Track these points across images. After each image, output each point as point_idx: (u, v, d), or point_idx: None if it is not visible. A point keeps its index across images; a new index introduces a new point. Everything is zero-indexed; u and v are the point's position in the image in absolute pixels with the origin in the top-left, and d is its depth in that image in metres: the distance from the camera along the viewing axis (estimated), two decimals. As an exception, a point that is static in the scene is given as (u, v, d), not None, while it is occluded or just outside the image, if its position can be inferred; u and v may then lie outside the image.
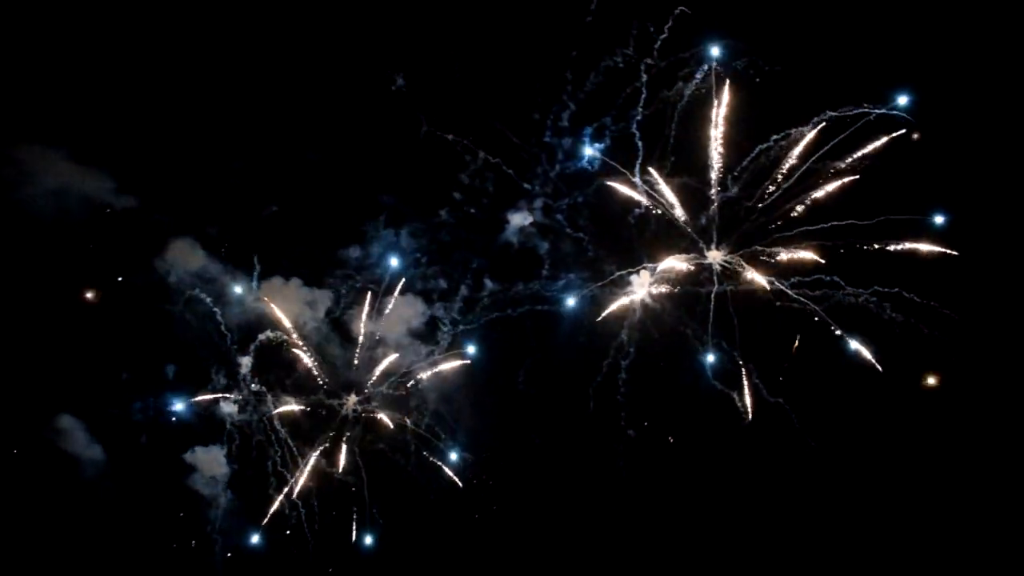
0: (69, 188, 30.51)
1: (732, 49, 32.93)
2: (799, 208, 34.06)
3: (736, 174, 33.64)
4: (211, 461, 32.90)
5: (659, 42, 32.59)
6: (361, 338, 33.59)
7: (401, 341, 33.83)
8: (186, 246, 32.07)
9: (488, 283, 34.20)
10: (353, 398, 34.46)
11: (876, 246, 33.93)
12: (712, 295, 34.78)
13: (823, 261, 34.15)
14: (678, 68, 33.13)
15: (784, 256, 34.28)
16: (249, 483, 33.59)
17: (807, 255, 33.97)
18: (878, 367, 33.73)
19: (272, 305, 32.45)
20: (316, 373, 33.68)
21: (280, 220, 33.12)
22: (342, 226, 33.42)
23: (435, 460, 34.66)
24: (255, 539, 33.86)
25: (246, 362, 33.05)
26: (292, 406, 33.71)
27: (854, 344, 33.64)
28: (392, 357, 33.87)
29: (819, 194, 33.80)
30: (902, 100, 32.78)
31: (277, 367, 33.66)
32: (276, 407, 33.46)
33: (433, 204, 33.54)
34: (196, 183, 32.88)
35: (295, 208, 33.42)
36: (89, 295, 32.53)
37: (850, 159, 33.74)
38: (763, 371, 34.99)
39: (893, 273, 33.78)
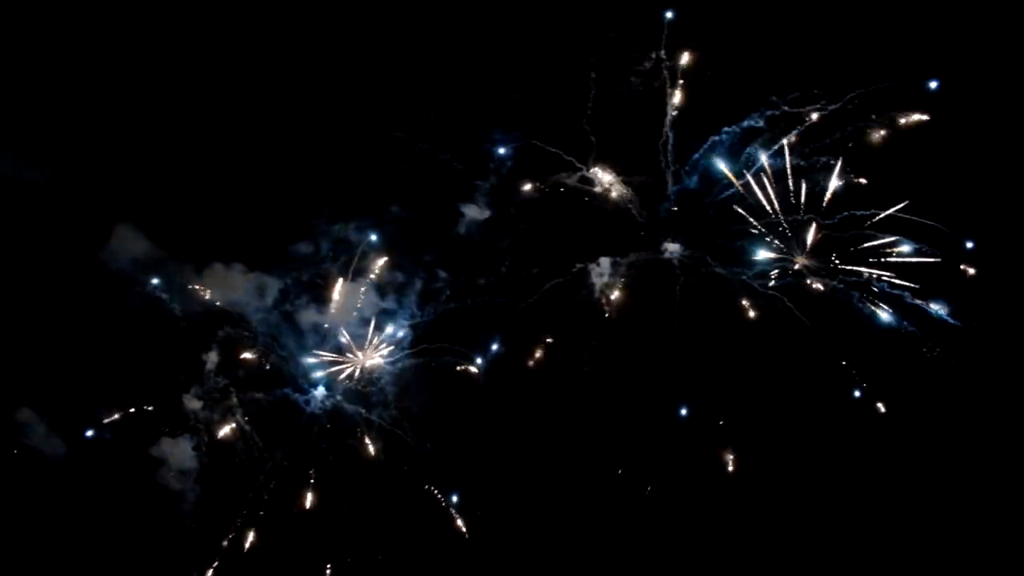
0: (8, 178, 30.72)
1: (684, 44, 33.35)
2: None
3: (687, 170, 34.07)
4: (179, 455, 33.04)
5: (611, 38, 33.14)
6: (327, 326, 33.95)
7: (359, 332, 34.11)
8: (129, 235, 31.95)
9: (442, 275, 34.51)
10: (321, 391, 34.68)
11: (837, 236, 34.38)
12: (677, 288, 35.08)
13: (785, 252, 34.56)
14: (631, 64, 33.61)
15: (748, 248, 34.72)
16: (218, 479, 33.76)
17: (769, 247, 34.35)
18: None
19: (223, 295, 32.73)
20: (279, 365, 34.04)
21: (224, 214, 33.19)
22: (289, 220, 33.57)
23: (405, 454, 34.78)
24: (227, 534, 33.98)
25: (211, 357, 33.35)
26: (257, 398, 34.02)
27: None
28: (355, 349, 34.22)
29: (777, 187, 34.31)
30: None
31: (240, 360, 33.94)
32: (241, 402, 33.72)
33: (384, 199, 33.84)
34: (138, 175, 33.01)
35: (240, 202, 33.52)
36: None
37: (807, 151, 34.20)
38: (725, 364, 35.24)
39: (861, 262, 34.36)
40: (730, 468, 35.37)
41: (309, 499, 34.41)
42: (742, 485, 35.45)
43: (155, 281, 32.58)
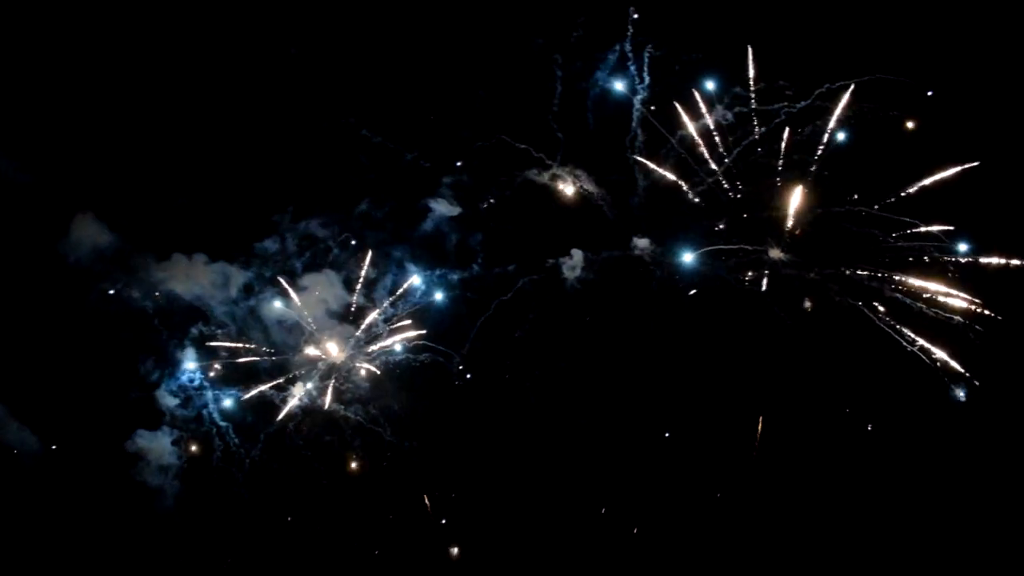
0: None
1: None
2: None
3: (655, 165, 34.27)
4: (158, 451, 33.12)
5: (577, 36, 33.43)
6: (299, 322, 34.07)
7: (332, 327, 34.31)
8: (89, 225, 31.81)
9: (412, 269, 34.65)
10: (300, 387, 34.85)
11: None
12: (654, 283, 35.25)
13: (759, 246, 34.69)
14: (597, 61, 33.95)
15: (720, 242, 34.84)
16: (197, 474, 33.99)
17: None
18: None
19: (190, 287, 32.78)
20: (255, 362, 34.25)
21: (188, 210, 33.31)
22: (252, 216, 33.71)
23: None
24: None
25: (186, 354, 33.61)
26: (235, 394, 34.18)
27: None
28: (330, 344, 34.40)
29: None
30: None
31: (213, 356, 34.14)
32: (218, 397, 33.94)
33: (352, 195, 34.21)
34: (97, 165, 32.88)
35: (204, 198, 33.59)
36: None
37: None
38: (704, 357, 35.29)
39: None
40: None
41: (288, 496, 34.70)
42: (717, 476, 35.90)
43: (120, 274, 32.63)
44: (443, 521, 35.38)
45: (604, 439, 36.14)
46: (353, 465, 35.27)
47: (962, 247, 33.70)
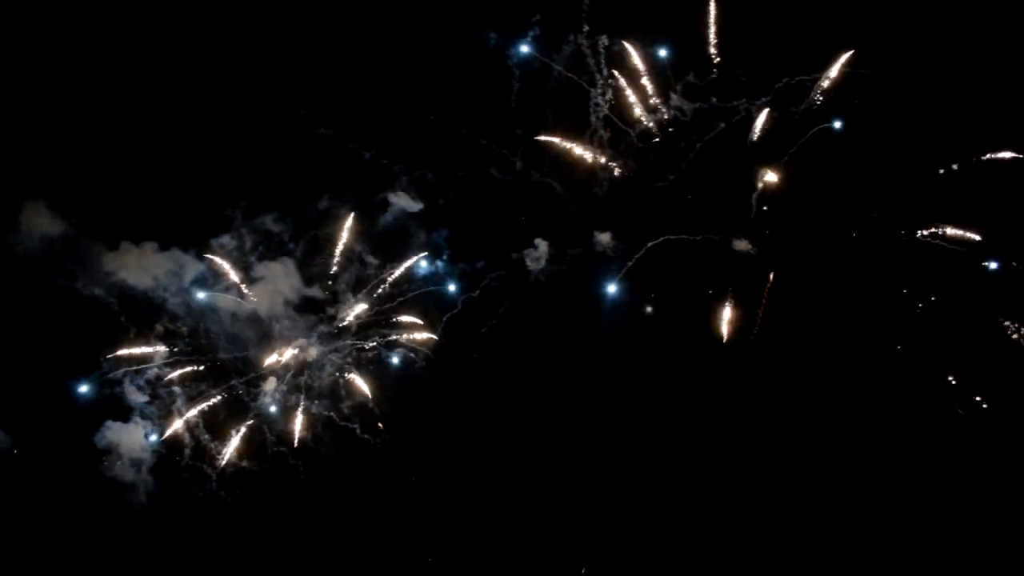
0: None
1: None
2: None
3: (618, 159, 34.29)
4: (127, 445, 33.21)
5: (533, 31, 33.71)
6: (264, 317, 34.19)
7: (296, 323, 34.53)
8: (38, 214, 31.60)
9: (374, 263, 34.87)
10: (272, 383, 34.94)
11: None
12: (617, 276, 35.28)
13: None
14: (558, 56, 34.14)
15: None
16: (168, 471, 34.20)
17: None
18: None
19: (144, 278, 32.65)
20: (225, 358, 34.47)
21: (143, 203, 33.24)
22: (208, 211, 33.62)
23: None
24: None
25: (155, 349, 33.72)
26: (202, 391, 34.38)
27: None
28: (300, 340, 34.70)
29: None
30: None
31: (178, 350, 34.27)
32: (187, 394, 34.09)
33: (310, 192, 34.36)
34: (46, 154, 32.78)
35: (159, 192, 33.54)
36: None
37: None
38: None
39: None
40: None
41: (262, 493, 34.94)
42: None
43: (75, 265, 32.38)
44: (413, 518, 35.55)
45: (575, 434, 36.22)
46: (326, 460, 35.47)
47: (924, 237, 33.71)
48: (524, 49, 33.41)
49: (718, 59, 33.88)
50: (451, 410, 36.05)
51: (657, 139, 34.13)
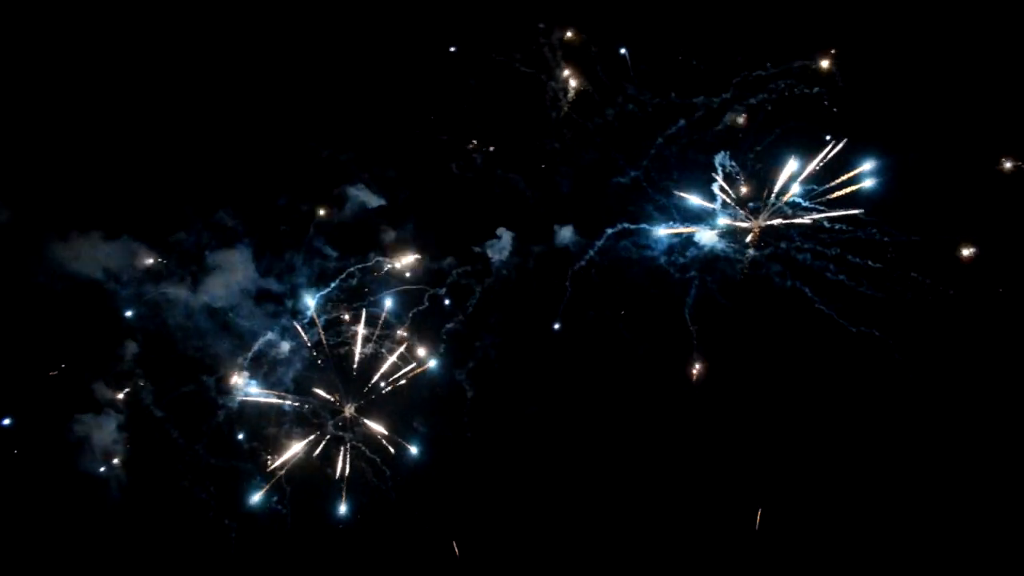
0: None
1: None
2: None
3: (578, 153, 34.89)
4: (99, 439, 33.59)
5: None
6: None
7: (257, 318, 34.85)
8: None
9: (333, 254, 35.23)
10: (241, 379, 35.27)
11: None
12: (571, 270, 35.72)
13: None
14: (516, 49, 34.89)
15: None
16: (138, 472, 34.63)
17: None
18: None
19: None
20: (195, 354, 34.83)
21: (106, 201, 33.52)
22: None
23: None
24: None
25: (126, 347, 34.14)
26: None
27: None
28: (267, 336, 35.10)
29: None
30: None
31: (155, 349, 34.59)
32: (156, 395, 34.61)
33: (266, 186, 34.76)
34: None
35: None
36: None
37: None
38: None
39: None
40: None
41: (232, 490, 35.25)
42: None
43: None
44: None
45: (546, 430, 36.57)
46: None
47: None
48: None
49: (679, 55, 34.49)
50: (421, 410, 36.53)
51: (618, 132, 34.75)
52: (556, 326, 35.58)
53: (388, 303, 35.87)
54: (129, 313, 33.94)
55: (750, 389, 36.15)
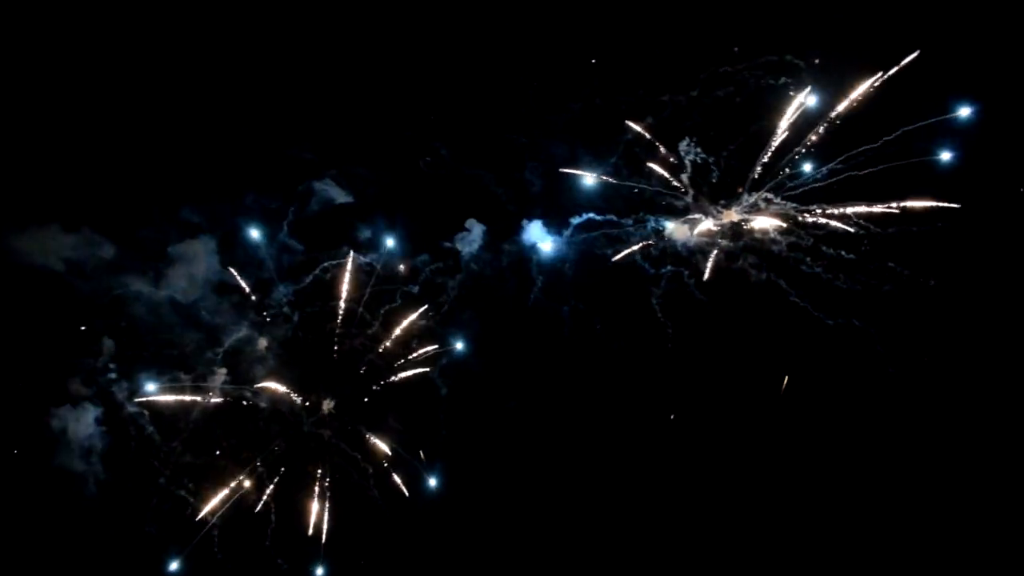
0: None
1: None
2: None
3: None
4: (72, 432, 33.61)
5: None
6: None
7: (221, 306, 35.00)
8: None
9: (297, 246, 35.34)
10: (221, 376, 35.24)
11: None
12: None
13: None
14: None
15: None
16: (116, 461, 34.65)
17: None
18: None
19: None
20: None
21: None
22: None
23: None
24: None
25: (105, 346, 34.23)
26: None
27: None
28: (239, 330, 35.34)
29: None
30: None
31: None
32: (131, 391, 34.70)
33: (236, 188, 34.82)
34: None
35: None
36: None
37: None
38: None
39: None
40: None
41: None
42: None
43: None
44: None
45: (526, 425, 36.62)
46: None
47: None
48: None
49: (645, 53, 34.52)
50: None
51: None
52: (528, 321, 35.63)
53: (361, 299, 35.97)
54: (96, 306, 33.99)
55: (726, 382, 35.98)
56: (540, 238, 35.10)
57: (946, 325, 34.83)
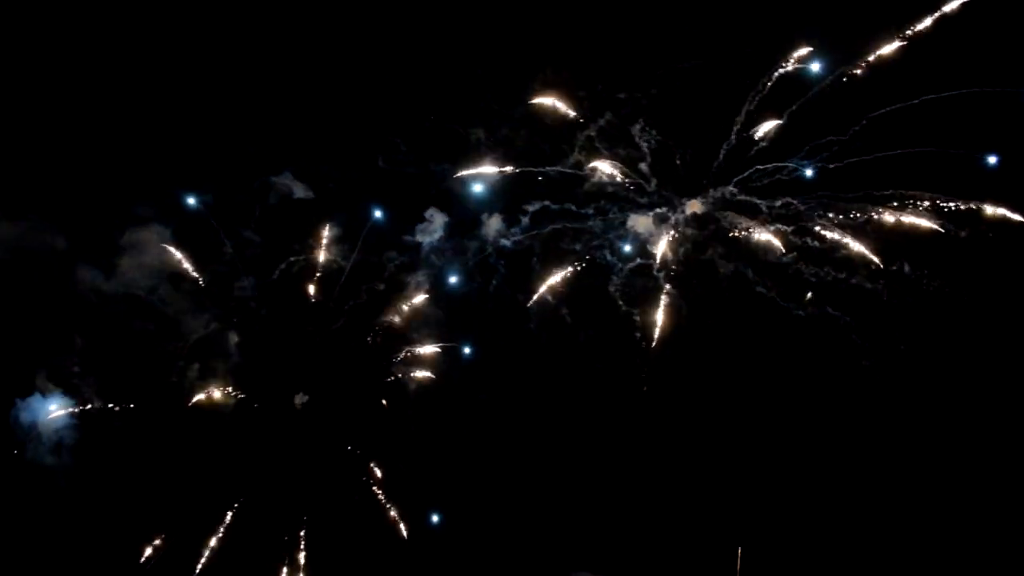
0: None
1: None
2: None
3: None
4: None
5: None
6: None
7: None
8: None
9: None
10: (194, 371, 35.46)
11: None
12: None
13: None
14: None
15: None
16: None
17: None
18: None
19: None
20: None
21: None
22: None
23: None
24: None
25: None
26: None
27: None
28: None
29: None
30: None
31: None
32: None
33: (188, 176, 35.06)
34: None
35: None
36: None
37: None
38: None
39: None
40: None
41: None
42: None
43: None
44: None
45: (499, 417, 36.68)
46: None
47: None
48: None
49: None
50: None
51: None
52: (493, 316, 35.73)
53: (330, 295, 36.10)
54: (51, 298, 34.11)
55: (696, 373, 35.78)
56: (501, 232, 35.14)
57: (921, 314, 34.39)
